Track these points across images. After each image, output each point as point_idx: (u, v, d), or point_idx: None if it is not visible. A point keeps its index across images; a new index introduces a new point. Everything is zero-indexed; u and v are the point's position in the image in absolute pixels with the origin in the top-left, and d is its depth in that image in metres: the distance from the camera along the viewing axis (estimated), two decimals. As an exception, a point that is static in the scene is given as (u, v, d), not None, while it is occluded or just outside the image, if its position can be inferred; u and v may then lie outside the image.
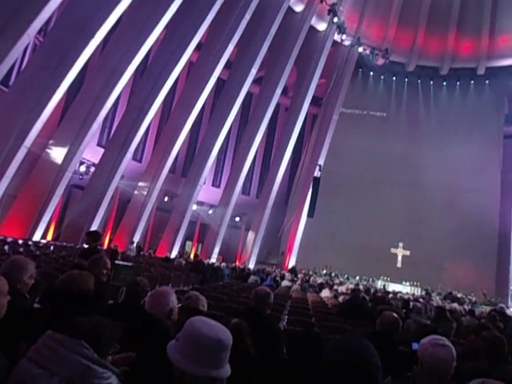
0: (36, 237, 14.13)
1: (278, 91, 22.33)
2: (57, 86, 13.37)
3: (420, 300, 12.53)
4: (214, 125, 21.20)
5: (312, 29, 23.58)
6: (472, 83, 26.56)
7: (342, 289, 12.47)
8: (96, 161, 17.74)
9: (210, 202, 23.82)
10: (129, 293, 2.88)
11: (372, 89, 27.57)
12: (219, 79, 20.93)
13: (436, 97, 27.21)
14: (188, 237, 23.53)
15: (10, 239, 11.72)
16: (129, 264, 8.02)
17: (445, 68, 26.62)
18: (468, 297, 19.71)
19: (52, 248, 12.73)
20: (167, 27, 17.34)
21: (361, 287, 14.50)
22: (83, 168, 17.51)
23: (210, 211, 23.45)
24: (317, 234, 23.44)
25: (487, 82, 26.21)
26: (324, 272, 22.42)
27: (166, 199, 21.62)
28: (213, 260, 20.29)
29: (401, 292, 16.79)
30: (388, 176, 24.79)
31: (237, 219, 24.98)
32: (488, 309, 13.63)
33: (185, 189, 20.82)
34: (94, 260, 3.64)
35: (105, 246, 16.77)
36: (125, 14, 15.62)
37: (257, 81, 23.59)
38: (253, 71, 20.81)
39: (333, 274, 22.11)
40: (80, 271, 2.56)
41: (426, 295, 16.87)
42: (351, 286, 13.15)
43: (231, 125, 21.90)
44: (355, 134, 25.29)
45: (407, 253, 23.50)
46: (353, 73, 25.77)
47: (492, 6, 24.38)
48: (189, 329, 1.41)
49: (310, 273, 20.84)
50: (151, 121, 18.59)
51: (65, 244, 14.37)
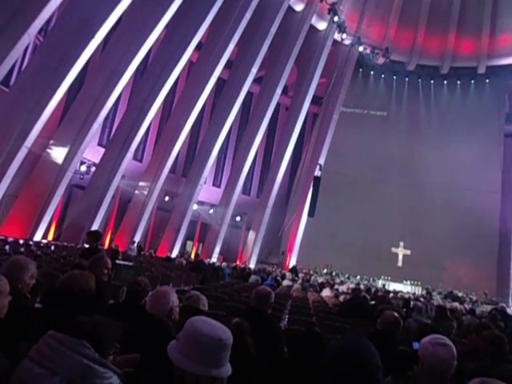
0: (37, 237, 14.16)
1: (279, 91, 22.31)
2: (57, 86, 13.39)
3: (421, 299, 12.52)
4: (215, 124, 21.21)
5: (312, 28, 23.54)
6: (472, 82, 26.51)
7: (343, 288, 12.49)
8: (97, 160, 17.76)
9: (211, 202, 23.81)
10: (129, 292, 2.89)
11: (372, 88, 27.51)
12: (219, 79, 20.93)
13: (436, 96, 27.14)
14: (189, 236, 23.52)
15: (11, 239, 11.75)
16: (129, 264, 8.03)
17: (445, 67, 26.56)
18: (469, 296, 19.68)
19: (53, 248, 12.74)
20: (167, 27, 17.35)
21: (361, 286, 14.51)
22: (84, 168, 17.52)
23: (211, 211, 23.43)
24: (317, 234, 23.42)
25: (488, 81, 26.15)
26: (325, 271, 22.41)
27: (167, 199, 21.61)
28: (213, 260, 20.29)
29: (401, 291, 16.82)
30: (388, 175, 24.76)
31: (237, 219, 24.98)
32: (489, 308, 13.64)
33: (185, 188, 20.83)
34: (95, 260, 3.64)
35: (105, 246, 16.77)
36: (125, 14, 15.64)
37: (257, 80, 23.56)
38: (253, 71, 20.80)
39: (333, 274, 22.09)
40: (81, 271, 2.57)
41: (427, 294, 16.88)
42: (352, 286, 13.18)
43: (231, 124, 21.90)
44: (355, 134, 25.26)
45: (408, 252, 23.45)
46: (353, 72, 25.70)
47: (492, 5, 24.32)
48: (189, 328, 1.41)
49: (311, 272, 20.82)
50: (152, 120, 18.62)
51: (66, 244, 14.38)
